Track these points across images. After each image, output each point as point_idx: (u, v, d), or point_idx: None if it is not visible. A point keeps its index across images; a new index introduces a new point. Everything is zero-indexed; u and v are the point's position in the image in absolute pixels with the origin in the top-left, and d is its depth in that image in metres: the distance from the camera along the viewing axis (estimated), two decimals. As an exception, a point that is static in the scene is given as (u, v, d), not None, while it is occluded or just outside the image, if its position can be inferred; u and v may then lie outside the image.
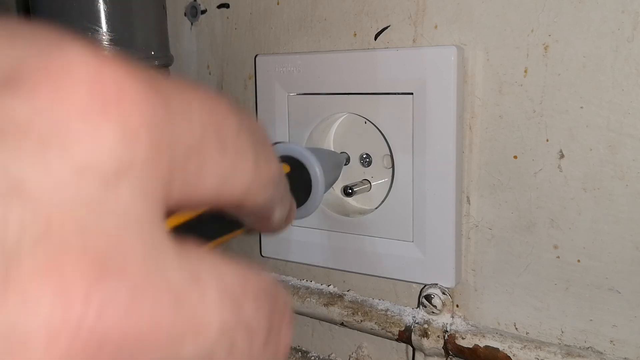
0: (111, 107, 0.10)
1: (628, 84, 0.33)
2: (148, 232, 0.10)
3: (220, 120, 0.13)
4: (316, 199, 0.34)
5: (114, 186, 0.10)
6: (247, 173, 0.13)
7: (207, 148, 0.12)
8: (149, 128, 0.10)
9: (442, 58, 0.37)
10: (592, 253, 0.35)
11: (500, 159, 0.37)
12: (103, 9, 0.41)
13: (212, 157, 0.12)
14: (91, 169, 0.09)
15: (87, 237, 0.09)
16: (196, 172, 0.12)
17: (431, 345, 0.39)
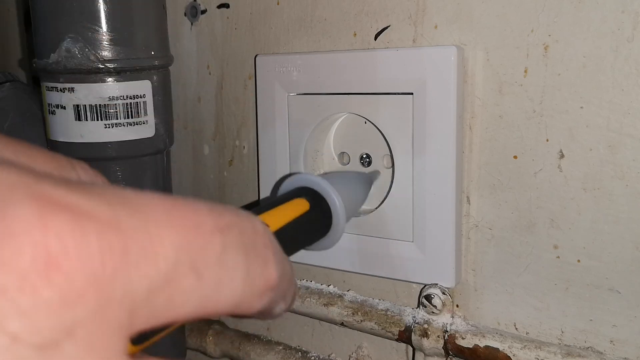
0: (52, 272, 0.10)
1: (628, 84, 0.33)
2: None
3: (198, 241, 0.12)
4: (337, 231, 0.33)
5: (54, 350, 0.10)
6: (235, 289, 0.13)
7: (180, 276, 0.12)
8: (96, 283, 0.10)
9: (442, 58, 0.37)
10: (592, 253, 0.35)
11: (500, 159, 0.37)
12: (103, 9, 0.41)
13: (186, 284, 0.12)
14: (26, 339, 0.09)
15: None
16: (166, 302, 0.11)
17: (431, 345, 0.39)
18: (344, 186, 0.35)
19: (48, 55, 0.42)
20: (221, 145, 0.52)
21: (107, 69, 0.41)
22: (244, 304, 0.13)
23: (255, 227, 0.14)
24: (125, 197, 0.11)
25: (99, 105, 0.41)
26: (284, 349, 0.50)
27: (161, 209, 0.12)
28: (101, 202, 0.11)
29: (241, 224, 0.13)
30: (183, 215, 0.12)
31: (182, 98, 0.53)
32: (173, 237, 0.12)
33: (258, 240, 0.14)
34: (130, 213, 0.11)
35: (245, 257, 0.13)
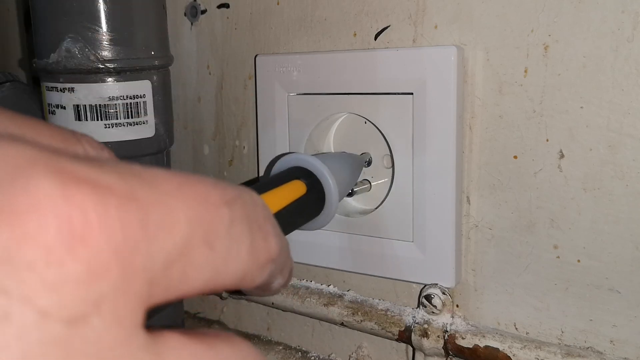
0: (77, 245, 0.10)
1: (628, 84, 0.33)
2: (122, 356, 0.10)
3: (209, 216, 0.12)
4: (330, 211, 0.33)
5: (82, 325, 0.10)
6: (241, 261, 0.13)
7: (194, 248, 0.12)
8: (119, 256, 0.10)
9: (442, 58, 0.37)
10: (592, 253, 0.35)
11: (500, 159, 0.37)
12: (103, 9, 0.41)
13: (199, 256, 0.12)
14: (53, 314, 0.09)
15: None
16: (180, 275, 0.12)
17: (431, 345, 0.39)
18: (337, 167, 0.36)
19: (48, 55, 0.42)
20: (221, 145, 0.52)
21: (107, 69, 0.41)
22: (248, 275, 0.14)
23: (255, 201, 0.14)
24: (137, 171, 0.11)
25: (99, 105, 0.41)
26: (284, 349, 0.50)
27: (172, 182, 0.12)
28: (117, 176, 0.11)
29: (243, 198, 0.14)
30: (192, 189, 0.12)
31: (182, 98, 0.53)
32: (185, 209, 0.12)
33: (259, 214, 0.14)
34: (144, 186, 0.11)
35: (249, 229, 0.13)
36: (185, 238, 0.11)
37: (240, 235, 0.13)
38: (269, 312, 0.52)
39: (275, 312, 0.51)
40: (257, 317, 0.53)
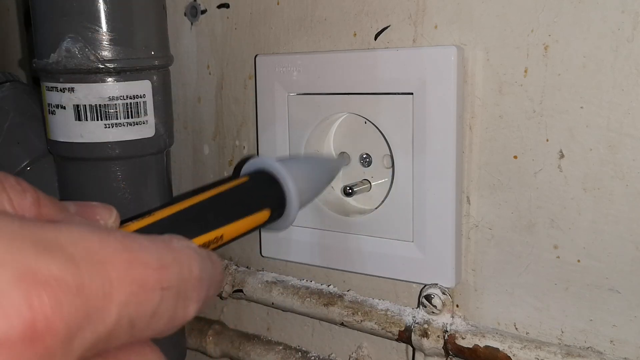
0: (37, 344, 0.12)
1: (628, 84, 0.33)
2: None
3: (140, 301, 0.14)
4: (289, 215, 0.34)
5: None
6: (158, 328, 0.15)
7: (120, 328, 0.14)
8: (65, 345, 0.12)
9: (442, 58, 0.37)
10: (592, 253, 0.35)
11: (500, 159, 0.37)
12: (103, 9, 0.41)
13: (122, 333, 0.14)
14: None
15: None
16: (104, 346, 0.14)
17: (431, 345, 0.39)
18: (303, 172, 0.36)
19: (48, 55, 0.42)
20: (221, 145, 0.52)
21: (107, 69, 0.41)
22: (159, 335, 0.16)
23: (192, 274, 0.16)
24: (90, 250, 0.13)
25: (99, 105, 0.41)
26: (284, 349, 0.50)
27: (118, 265, 0.14)
28: (71, 265, 0.13)
29: (181, 275, 0.16)
30: (134, 272, 0.14)
31: (182, 98, 0.53)
32: (121, 295, 0.14)
33: (189, 286, 0.16)
34: (92, 273, 0.13)
35: (174, 304, 0.15)
36: (114, 321, 0.14)
37: (164, 311, 0.15)
38: (269, 312, 0.52)
39: (275, 312, 0.51)
40: (257, 317, 0.53)
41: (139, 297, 0.14)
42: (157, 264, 0.15)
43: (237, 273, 0.50)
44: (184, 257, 0.16)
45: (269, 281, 0.48)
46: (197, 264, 0.17)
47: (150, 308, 0.15)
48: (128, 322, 0.14)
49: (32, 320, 0.12)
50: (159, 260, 0.15)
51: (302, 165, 0.39)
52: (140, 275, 0.14)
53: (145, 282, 0.14)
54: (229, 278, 0.50)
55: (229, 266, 0.51)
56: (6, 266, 0.12)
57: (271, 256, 0.47)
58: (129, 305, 0.14)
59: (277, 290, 0.47)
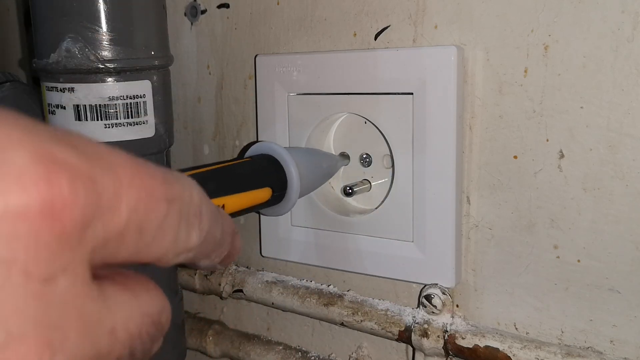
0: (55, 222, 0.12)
1: (628, 84, 0.33)
2: (81, 307, 0.13)
3: (148, 208, 0.15)
4: (290, 198, 0.35)
5: (53, 282, 0.12)
6: (162, 247, 0.16)
7: (128, 231, 0.14)
8: (79, 230, 0.13)
9: (442, 58, 0.37)
10: (592, 253, 0.35)
11: (500, 159, 0.37)
12: (103, 9, 0.41)
13: (129, 238, 0.14)
14: (34, 275, 0.12)
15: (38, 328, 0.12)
16: (112, 251, 0.14)
17: (431, 345, 0.39)
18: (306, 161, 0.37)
19: (48, 55, 0.42)
20: (221, 145, 0.52)
21: (107, 69, 0.41)
22: (164, 259, 0.16)
23: (192, 199, 0.17)
24: (101, 153, 0.14)
25: (99, 105, 0.41)
26: (284, 349, 0.50)
27: (127, 170, 0.14)
28: (85, 158, 0.13)
29: (183, 195, 0.16)
30: (142, 181, 0.14)
31: (182, 98, 0.53)
32: (130, 198, 0.14)
33: (191, 210, 0.17)
34: (104, 170, 0.13)
35: (177, 223, 0.16)
36: (124, 223, 0.14)
37: (168, 227, 0.15)
38: (269, 312, 0.52)
39: (275, 312, 0.51)
40: (257, 317, 0.53)
41: (147, 204, 0.14)
42: (162, 178, 0.15)
43: (237, 273, 0.50)
44: (186, 182, 0.17)
45: (269, 281, 0.48)
46: (197, 193, 0.17)
47: (157, 217, 0.15)
48: (136, 228, 0.14)
49: (51, 198, 0.12)
50: (164, 177, 0.15)
51: (304, 153, 0.39)
52: (147, 183, 0.15)
53: (152, 190, 0.15)
54: (229, 278, 0.50)
55: (229, 266, 0.51)
56: (24, 146, 0.12)
57: (271, 256, 0.47)
58: (137, 210, 0.14)
59: (277, 290, 0.47)
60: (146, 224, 0.15)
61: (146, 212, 0.14)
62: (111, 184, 0.13)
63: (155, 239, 0.15)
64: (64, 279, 0.12)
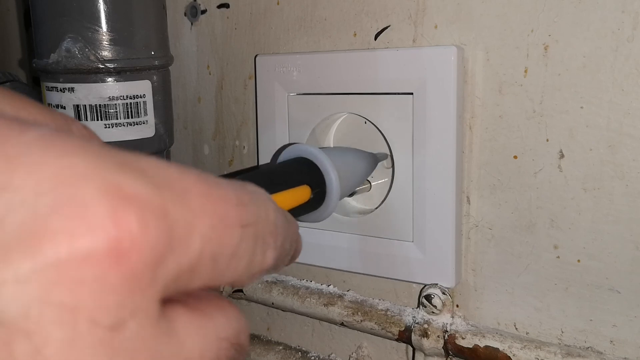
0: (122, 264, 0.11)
1: (628, 84, 0.33)
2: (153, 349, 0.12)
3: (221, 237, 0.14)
4: (330, 205, 0.33)
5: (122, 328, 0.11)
6: (237, 273, 0.15)
7: (201, 263, 0.13)
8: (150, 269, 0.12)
9: (442, 58, 0.37)
10: (592, 253, 0.35)
11: (500, 159, 0.37)
12: (103, 9, 0.41)
13: (203, 269, 0.13)
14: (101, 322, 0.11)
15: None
16: (185, 283, 0.13)
17: (431, 345, 0.39)
18: (343, 162, 0.36)
19: (48, 55, 0.42)
20: (221, 145, 0.52)
21: (107, 69, 0.41)
22: (238, 282, 0.15)
23: (268, 217, 0.16)
24: (171, 179, 0.13)
25: (99, 105, 0.41)
26: (284, 349, 0.50)
27: (199, 195, 0.13)
28: (155, 188, 0.12)
29: (259, 218, 0.15)
30: (215, 205, 0.13)
31: (182, 98, 0.53)
32: (203, 228, 0.13)
33: (267, 230, 0.15)
34: (175, 201, 0.12)
35: (253, 247, 0.15)
36: (197, 255, 0.13)
37: (243, 253, 0.14)
38: (269, 312, 0.52)
39: (275, 312, 0.51)
40: (257, 317, 0.53)
41: (220, 231, 0.13)
42: (235, 200, 0.14)
43: (237, 273, 0.50)
44: (260, 199, 0.16)
45: (268, 281, 0.48)
46: (272, 209, 0.16)
47: (231, 245, 0.14)
48: (210, 258, 0.13)
49: (118, 238, 0.11)
50: (238, 198, 0.14)
51: (338, 152, 0.38)
52: (220, 209, 0.14)
53: (225, 216, 0.14)
54: (229, 278, 0.50)
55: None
56: (91, 179, 0.11)
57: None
58: (211, 239, 0.13)
59: (277, 290, 0.47)
60: (219, 253, 0.14)
61: (220, 241, 0.13)
62: (183, 214, 0.12)
63: (230, 266, 0.14)
64: (133, 324, 0.11)
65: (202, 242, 0.13)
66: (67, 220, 0.11)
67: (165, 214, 0.12)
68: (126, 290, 0.11)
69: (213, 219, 0.13)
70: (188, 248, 0.13)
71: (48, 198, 0.11)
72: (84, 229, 0.11)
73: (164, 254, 0.12)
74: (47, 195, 0.11)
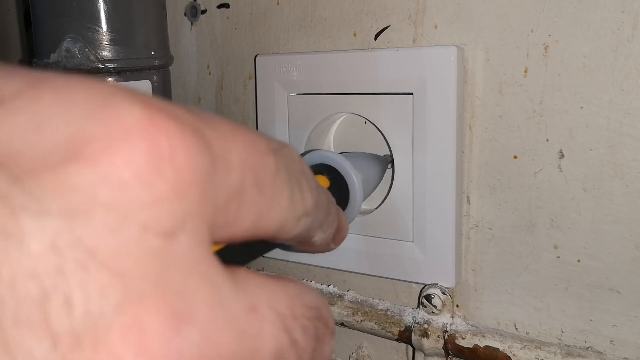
0: (165, 167, 0.11)
1: (628, 84, 0.33)
2: (207, 275, 0.11)
3: (258, 161, 0.13)
4: (353, 211, 0.33)
5: (173, 239, 0.11)
6: (282, 209, 0.14)
7: (246, 190, 0.13)
8: (197, 182, 0.11)
9: (442, 58, 0.37)
10: (592, 253, 0.35)
11: (500, 159, 0.37)
12: (103, 9, 0.41)
13: (249, 198, 0.13)
14: (152, 227, 0.10)
15: (159, 291, 0.10)
16: (235, 213, 0.12)
17: (431, 345, 0.39)
18: (361, 166, 0.36)
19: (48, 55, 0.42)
20: (221, 145, 0.52)
21: (107, 69, 0.41)
22: (286, 225, 0.14)
23: (294, 155, 0.15)
24: (197, 111, 0.12)
25: (99, 105, 0.41)
26: (284, 349, 0.50)
27: (226, 127, 0.13)
28: (185, 111, 0.12)
29: (285, 150, 0.15)
30: (243, 135, 0.13)
31: (182, 98, 0.53)
32: (239, 153, 0.13)
33: (296, 167, 0.15)
34: (206, 125, 0.12)
35: (289, 180, 0.14)
36: (240, 178, 0.12)
37: (281, 184, 0.14)
38: (269, 312, 0.52)
39: (275, 312, 0.51)
40: (257, 317, 0.53)
41: (256, 157, 0.13)
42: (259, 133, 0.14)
43: (237, 273, 0.50)
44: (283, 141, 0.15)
45: (269, 281, 0.48)
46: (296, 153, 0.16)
47: (269, 173, 0.13)
48: (253, 184, 0.13)
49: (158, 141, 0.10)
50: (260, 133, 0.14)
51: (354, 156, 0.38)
52: (248, 137, 0.13)
53: (256, 143, 0.13)
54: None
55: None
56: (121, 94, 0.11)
57: (271, 256, 0.47)
58: (249, 164, 0.13)
59: (277, 290, 0.47)
60: (261, 180, 0.13)
61: (258, 167, 0.13)
62: (217, 137, 0.12)
63: (274, 198, 0.14)
64: (185, 238, 0.11)
65: (241, 165, 0.12)
66: (103, 124, 0.10)
67: (200, 132, 0.11)
68: (175, 198, 0.11)
69: (245, 145, 0.13)
70: (230, 169, 0.12)
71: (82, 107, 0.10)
72: (122, 132, 0.10)
73: (209, 169, 0.11)
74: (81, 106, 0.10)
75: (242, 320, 0.12)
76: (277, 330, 0.12)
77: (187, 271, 0.11)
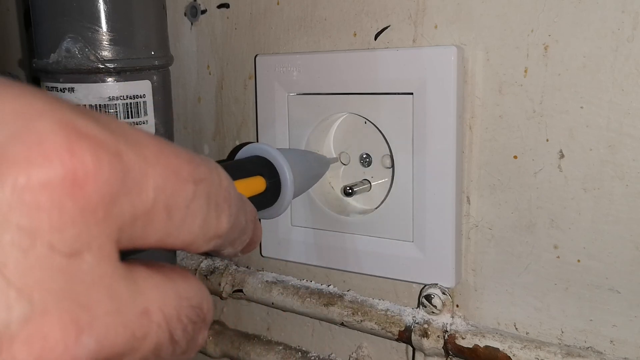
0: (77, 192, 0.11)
1: (628, 84, 0.33)
2: (110, 286, 0.12)
3: (174, 188, 0.14)
4: (283, 203, 0.35)
5: (78, 258, 0.12)
6: (191, 232, 0.15)
7: (155, 213, 0.14)
8: (104, 205, 0.12)
9: (442, 58, 0.37)
10: (592, 253, 0.35)
11: (500, 159, 0.37)
12: (103, 9, 0.41)
13: (158, 220, 0.14)
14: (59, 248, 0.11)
15: (63, 305, 0.11)
16: (141, 231, 0.13)
17: (431, 345, 0.39)
18: (298, 162, 0.37)
19: (48, 55, 0.42)
20: (221, 145, 0.52)
21: (107, 69, 0.41)
22: (194, 245, 0.16)
23: (221, 182, 0.16)
24: (125, 130, 0.13)
25: (99, 105, 0.41)
26: (284, 349, 0.50)
27: (152, 149, 0.14)
28: (109, 133, 0.12)
29: (211, 177, 0.16)
30: (167, 160, 0.14)
31: (182, 98, 0.53)
32: (156, 177, 0.13)
33: (220, 194, 0.16)
34: (129, 147, 0.13)
35: (206, 207, 0.15)
36: (151, 201, 0.13)
37: (197, 210, 0.15)
38: (269, 312, 0.52)
39: (275, 312, 0.51)
40: (257, 317, 0.53)
41: (173, 183, 0.14)
42: (188, 158, 0.15)
43: (237, 273, 0.50)
44: (212, 164, 0.16)
45: (269, 281, 0.48)
46: (225, 176, 0.16)
47: (184, 199, 0.14)
48: (164, 208, 0.14)
49: (73, 167, 0.11)
50: (190, 157, 0.15)
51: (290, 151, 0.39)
52: (172, 163, 0.14)
53: (178, 170, 0.14)
54: (229, 278, 0.50)
55: (229, 266, 0.51)
56: (47, 116, 0.11)
57: (271, 256, 0.47)
58: (164, 189, 0.14)
59: (277, 290, 0.47)
60: (174, 205, 0.14)
61: (173, 192, 0.14)
62: (137, 160, 0.13)
63: (185, 222, 0.14)
64: (90, 256, 0.12)
65: (155, 190, 0.13)
66: (25, 149, 0.11)
67: (118, 155, 0.12)
68: (82, 220, 0.11)
69: (166, 171, 0.14)
70: (142, 193, 0.13)
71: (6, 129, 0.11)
72: (42, 158, 0.11)
73: (118, 192, 0.12)
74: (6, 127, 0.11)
75: (135, 324, 0.13)
76: (161, 331, 0.14)
77: (90, 285, 0.12)
